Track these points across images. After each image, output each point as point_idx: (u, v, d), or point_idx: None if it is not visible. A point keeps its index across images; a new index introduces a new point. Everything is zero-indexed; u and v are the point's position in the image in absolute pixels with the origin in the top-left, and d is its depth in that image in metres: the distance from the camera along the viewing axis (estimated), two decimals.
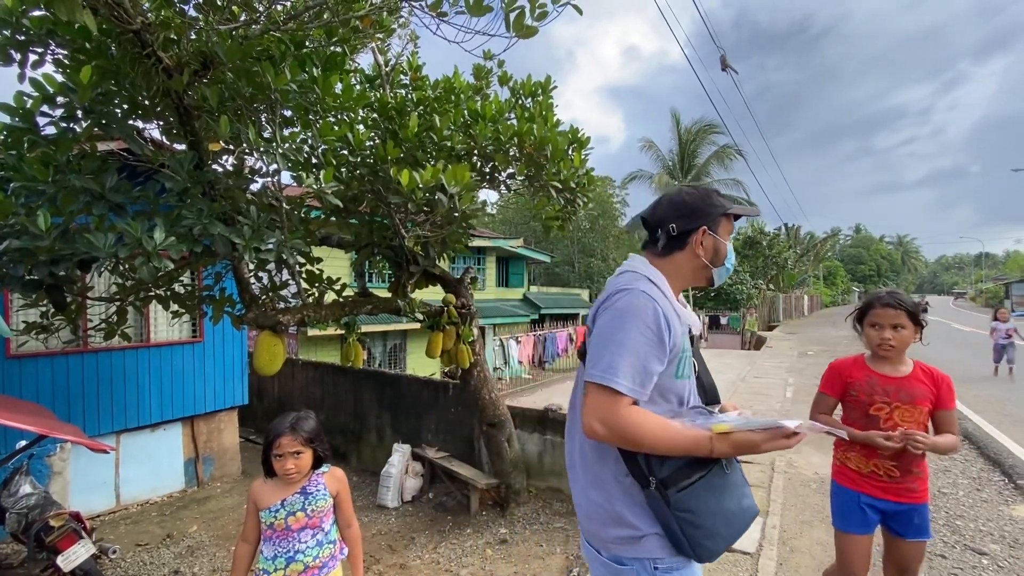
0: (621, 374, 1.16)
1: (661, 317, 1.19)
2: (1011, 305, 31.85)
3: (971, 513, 3.52)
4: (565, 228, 4.13)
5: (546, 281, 28.19)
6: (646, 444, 1.16)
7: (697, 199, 1.36)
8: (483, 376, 5.18)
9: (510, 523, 5.23)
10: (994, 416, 6.09)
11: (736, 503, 1.23)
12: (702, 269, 1.35)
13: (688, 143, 30.16)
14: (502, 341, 6.72)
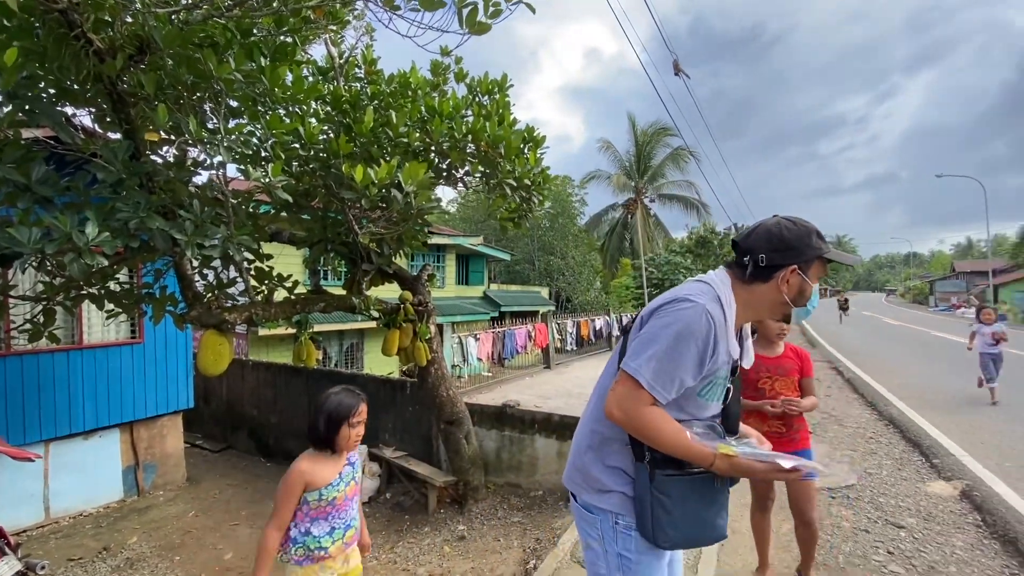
0: (654, 374, 1.22)
1: (712, 340, 1.23)
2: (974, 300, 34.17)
3: (892, 491, 3.82)
4: (521, 226, 4.18)
5: (507, 279, 28.23)
6: (655, 442, 1.23)
7: (795, 236, 1.31)
8: (441, 373, 5.16)
9: (468, 520, 5.24)
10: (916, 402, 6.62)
11: (712, 516, 1.30)
12: (780, 305, 1.33)
13: (644, 145, 30.93)
14: (460, 338, 6.71)
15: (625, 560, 1.30)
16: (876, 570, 2.71)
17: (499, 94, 4.19)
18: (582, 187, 31.11)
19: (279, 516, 1.85)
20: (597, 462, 1.34)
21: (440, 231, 14.50)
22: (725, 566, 2.76)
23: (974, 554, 2.91)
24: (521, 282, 26.68)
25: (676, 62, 9.53)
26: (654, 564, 1.32)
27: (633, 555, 1.30)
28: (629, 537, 1.29)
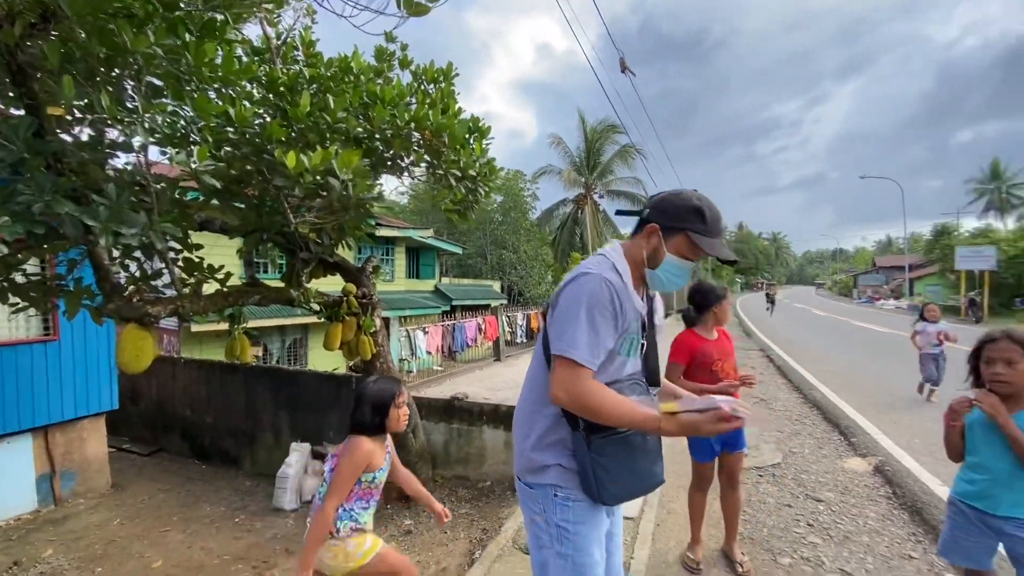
0: (581, 348, 1.28)
1: (617, 302, 1.32)
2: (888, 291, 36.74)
3: (813, 468, 4.12)
4: (467, 217, 4.15)
5: (458, 273, 28.07)
6: (602, 415, 1.28)
7: (677, 203, 1.39)
8: (386, 368, 5.07)
9: (415, 514, 5.20)
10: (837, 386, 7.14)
11: (647, 465, 1.41)
12: (640, 262, 1.41)
13: (594, 141, 31.50)
14: (408, 332, 6.61)
15: (563, 530, 1.37)
16: (797, 541, 2.91)
17: (444, 83, 4.14)
18: (534, 182, 31.37)
19: (341, 493, 1.97)
20: (536, 443, 1.41)
21: (389, 223, 14.19)
22: (659, 544, 2.88)
23: (885, 523, 3.17)
24: (473, 276, 26.60)
25: (623, 59, 9.74)
26: (590, 534, 1.39)
27: (571, 525, 1.37)
28: (567, 508, 1.37)
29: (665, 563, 2.67)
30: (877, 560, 2.70)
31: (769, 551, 2.79)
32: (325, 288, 4.91)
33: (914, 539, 2.95)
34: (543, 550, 1.42)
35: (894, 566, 2.65)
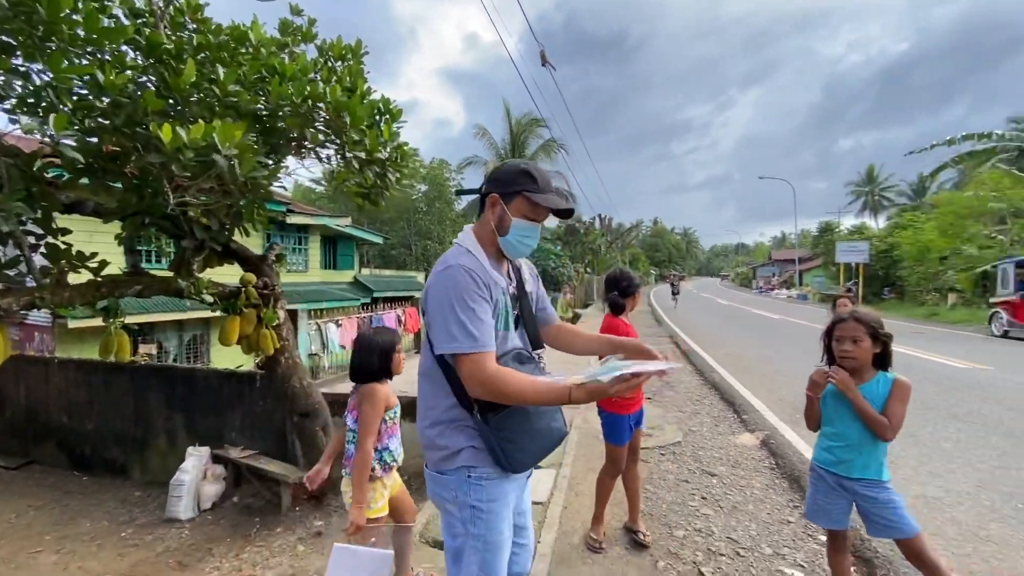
0: (469, 338, 1.31)
1: (479, 284, 1.37)
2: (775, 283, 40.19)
3: (709, 444, 4.44)
4: (377, 204, 3.99)
5: (381, 264, 27.21)
6: (515, 397, 1.32)
7: (507, 171, 1.46)
8: (292, 363, 4.78)
9: (327, 514, 4.98)
10: (734, 368, 7.76)
11: (545, 424, 1.47)
12: (491, 234, 1.46)
13: (519, 134, 31.72)
14: (319, 325, 6.27)
15: (476, 510, 1.41)
16: (691, 514, 3.11)
17: (353, 60, 3.93)
18: (460, 172, 31.06)
19: (373, 433, 2.21)
20: (441, 433, 1.44)
21: (302, 210, 13.40)
22: (566, 526, 2.96)
23: (768, 492, 3.49)
24: (397, 267, 25.93)
25: (543, 52, 9.84)
26: (501, 512, 1.44)
27: (483, 504, 1.41)
28: (480, 487, 1.41)
29: (571, 545, 2.75)
30: (760, 526, 2.96)
31: (666, 525, 2.96)
32: (224, 278, 4.53)
33: (792, 505, 3.26)
34: (457, 538, 1.45)
35: (774, 531, 2.92)
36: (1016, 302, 11.84)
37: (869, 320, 1.93)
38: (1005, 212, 18.83)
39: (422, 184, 28.99)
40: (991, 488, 3.43)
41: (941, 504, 3.19)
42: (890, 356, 1.96)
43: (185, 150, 2.46)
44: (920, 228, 22.57)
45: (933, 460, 3.94)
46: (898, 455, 4.02)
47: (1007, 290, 12.53)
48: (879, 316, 1.97)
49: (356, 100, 3.26)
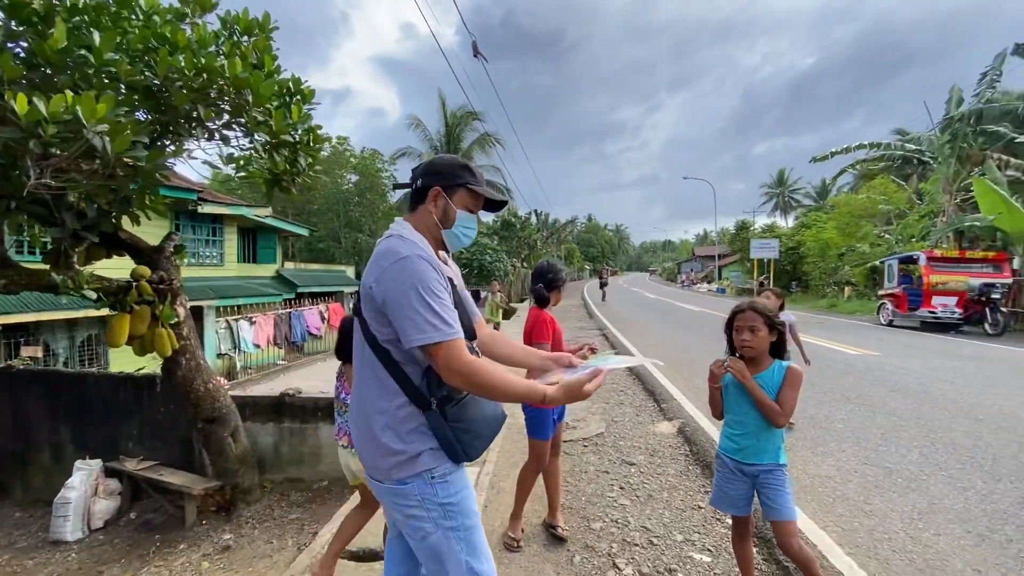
0: (441, 325, 1.30)
1: (439, 273, 1.37)
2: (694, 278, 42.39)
3: (630, 434, 4.57)
4: (289, 191, 3.71)
5: (309, 257, 25.94)
6: (493, 389, 1.34)
7: (446, 163, 1.50)
8: (195, 365, 4.37)
9: (237, 526, 4.63)
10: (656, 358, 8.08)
11: (492, 409, 1.51)
12: (434, 226, 1.48)
13: (454, 126, 31.30)
14: (229, 323, 5.79)
15: (448, 506, 1.40)
16: (609, 505, 3.17)
17: (260, 35, 3.62)
18: (392, 163, 30.17)
19: None
20: (395, 438, 1.38)
21: (217, 198, 12.43)
22: (486, 525, 2.90)
23: (682, 479, 3.62)
24: (326, 261, 24.82)
25: (475, 43, 9.69)
26: (469, 496, 1.46)
27: (453, 497, 1.41)
28: (446, 483, 1.40)
29: (489, 544, 2.69)
30: (673, 513, 3.06)
31: (584, 518, 2.99)
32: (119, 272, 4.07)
33: (703, 490, 3.40)
34: (429, 537, 1.41)
35: (685, 517, 3.02)
36: (899, 294, 13.24)
37: (766, 310, 2.02)
38: (891, 214, 21.07)
39: (352, 174, 27.90)
40: (875, 464, 3.77)
41: (833, 482, 3.45)
42: (785, 345, 2.06)
43: (46, 125, 2.13)
44: (822, 227, 24.74)
45: (828, 441, 4.27)
46: (798, 437, 4.32)
47: (892, 284, 13.99)
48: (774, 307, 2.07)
49: (259, 77, 2.99)
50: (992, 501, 3.13)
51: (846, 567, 2.40)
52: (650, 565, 2.48)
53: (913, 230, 18.83)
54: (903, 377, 6.71)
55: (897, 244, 19.03)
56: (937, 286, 12.16)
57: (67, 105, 2.08)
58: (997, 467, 3.67)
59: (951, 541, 2.67)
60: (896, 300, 13.36)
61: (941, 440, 4.26)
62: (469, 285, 22.46)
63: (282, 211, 24.15)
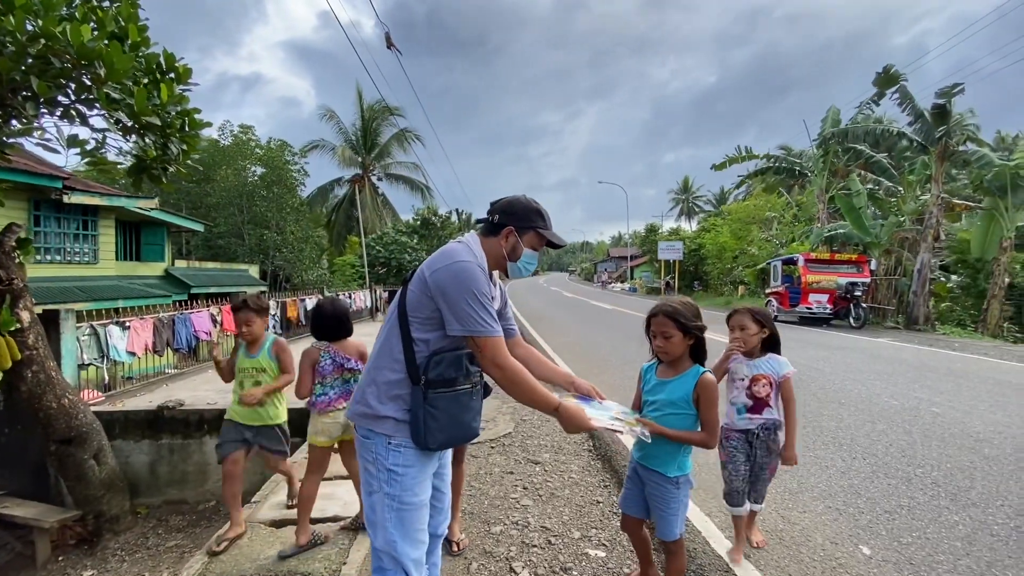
0: (490, 324, 1.56)
1: (487, 282, 1.60)
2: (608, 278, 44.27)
3: (537, 432, 4.62)
4: (159, 181, 3.31)
5: (207, 255, 23.72)
6: (520, 386, 1.58)
7: (522, 208, 1.74)
8: (45, 378, 3.78)
9: (102, 560, 4.07)
10: (569, 355, 8.31)
11: (469, 419, 1.68)
12: (502, 257, 1.73)
13: (371, 120, 30.19)
14: (95, 328, 5.08)
15: (393, 473, 1.57)
16: (511, 507, 3.15)
17: (123, 0, 3.19)
18: (303, 156, 28.48)
19: None
20: (378, 395, 1.60)
21: (89, 187, 10.98)
22: None
23: (584, 475, 3.69)
24: (228, 259, 22.85)
25: (388, 35, 9.36)
26: (418, 476, 1.61)
27: (400, 468, 1.57)
28: (398, 453, 1.57)
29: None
30: (573, 510, 3.10)
31: (485, 522, 2.94)
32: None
33: (603, 485, 3.49)
34: (373, 494, 1.60)
35: (584, 513, 3.08)
36: (783, 292, 14.72)
37: (677, 315, 1.92)
38: (774, 219, 23.40)
39: (257, 166, 25.96)
40: None
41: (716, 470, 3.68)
42: (704, 348, 2.00)
43: None
44: (719, 231, 26.92)
45: None
46: None
47: (777, 282, 15.52)
48: (696, 307, 2.00)
49: (116, 48, 2.62)
50: (848, 477, 3.51)
51: (724, 550, 2.56)
52: (546, 566, 2.49)
53: (791, 234, 21.06)
54: None
55: (780, 247, 21.17)
56: (812, 285, 13.65)
57: None
58: (854, 446, 4.13)
59: (814, 517, 2.95)
60: (780, 297, 14.83)
61: (811, 424, 4.73)
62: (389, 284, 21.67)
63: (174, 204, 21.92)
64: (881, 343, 10.21)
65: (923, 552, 2.58)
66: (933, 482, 3.42)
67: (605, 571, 2.46)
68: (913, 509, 3.04)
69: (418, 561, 1.62)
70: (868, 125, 14.81)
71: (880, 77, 13.97)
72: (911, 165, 15.06)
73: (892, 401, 5.47)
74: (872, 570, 2.43)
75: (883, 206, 16.92)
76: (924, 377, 6.74)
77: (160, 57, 3.21)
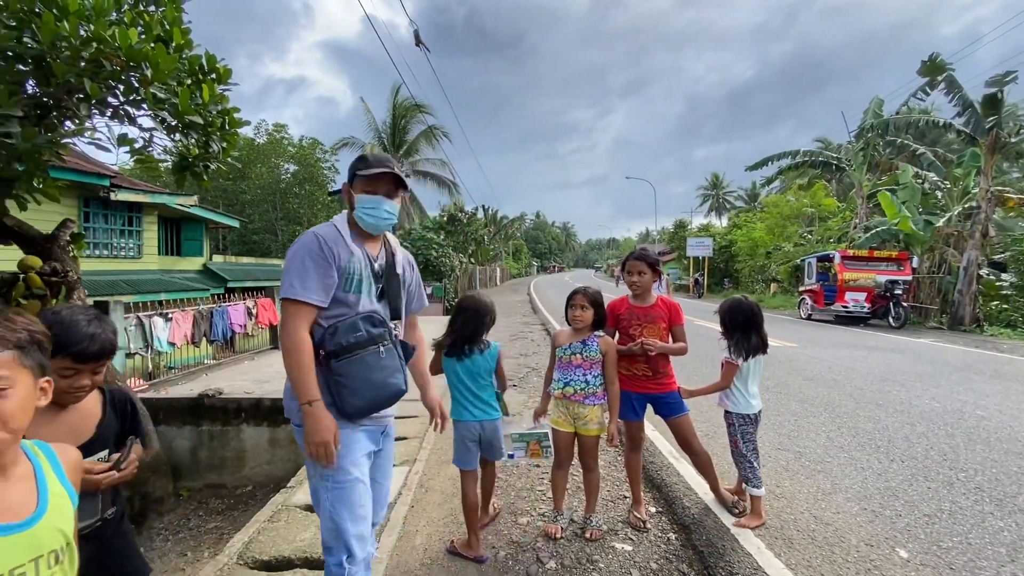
0: (296, 288, 1.60)
1: (325, 247, 1.64)
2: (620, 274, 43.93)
3: None
4: (201, 178, 3.45)
5: (242, 250, 24.53)
6: (290, 358, 1.59)
7: (352, 164, 1.81)
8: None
9: (147, 539, 4.29)
10: None
11: (383, 376, 1.66)
12: (350, 213, 1.78)
13: (400, 117, 30.55)
14: (141, 319, 5.34)
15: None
16: (539, 498, 3.17)
17: (168, 4, 3.33)
18: (334, 153, 29.08)
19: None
20: (290, 389, 1.65)
21: (133, 185, 11.48)
22: (412, 524, 2.83)
23: (610, 470, 3.68)
24: (261, 254, 23.57)
25: (417, 32, 9.46)
26: (347, 456, 1.64)
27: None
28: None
29: (412, 547, 2.63)
30: (600, 504, 3.10)
31: (512, 512, 2.98)
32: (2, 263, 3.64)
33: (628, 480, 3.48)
34: (312, 479, 1.69)
35: (611, 507, 3.09)
36: (817, 290, 14.27)
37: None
38: (815, 216, 22.65)
39: (290, 163, 26.65)
40: (787, 449, 4.01)
41: None
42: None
43: None
44: (752, 227, 26.22)
45: None
46: (718, 425, 4.53)
47: (811, 280, 15.05)
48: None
49: (160, 50, 2.74)
50: (886, 479, 3.41)
51: (754, 548, 2.52)
52: (573, 557, 2.51)
53: (832, 232, 20.34)
54: (816, 367, 7.22)
55: (817, 244, 20.49)
56: (849, 282, 13.19)
57: None
58: (892, 448, 4.00)
59: (848, 519, 2.88)
60: (814, 295, 14.38)
61: (846, 425, 4.60)
62: None
63: (212, 200, 22.71)
64: (922, 344, 9.81)
65: (964, 557, 2.49)
66: (977, 487, 3.29)
67: (632, 564, 2.46)
68: (955, 514, 2.93)
69: (360, 537, 1.64)
70: (911, 116, 14.18)
71: (925, 65, 13.33)
72: (959, 158, 14.35)
73: (934, 403, 5.26)
74: (910, 573, 2.36)
75: (928, 201, 16.19)
76: (969, 379, 6.45)
77: (202, 59, 3.34)
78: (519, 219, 65.49)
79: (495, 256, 46.58)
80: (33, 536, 0.85)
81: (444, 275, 23.34)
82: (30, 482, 0.89)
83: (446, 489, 3.25)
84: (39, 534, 0.86)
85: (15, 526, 0.83)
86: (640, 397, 2.83)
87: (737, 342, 2.85)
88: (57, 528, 0.89)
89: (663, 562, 2.50)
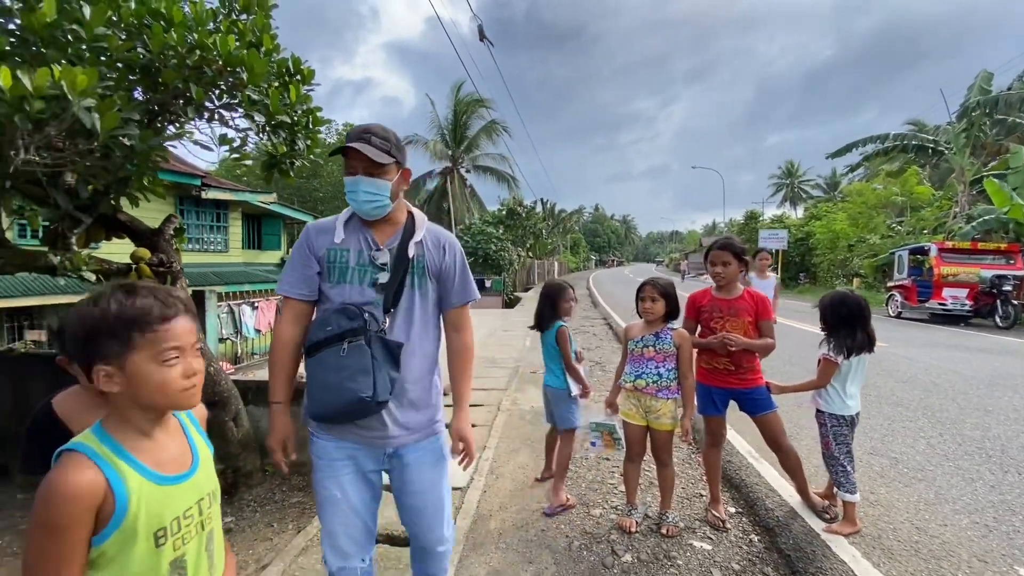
0: (281, 281, 1.63)
1: (308, 238, 1.60)
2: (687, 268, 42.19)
3: None
4: (287, 174, 3.66)
5: None
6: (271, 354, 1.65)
7: None
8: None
9: (238, 509, 4.65)
10: None
11: (336, 380, 1.44)
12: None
13: (461, 113, 31.03)
14: (232, 307, 5.78)
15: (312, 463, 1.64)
16: (610, 491, 3.13)
17: (258, 12, 3.55)
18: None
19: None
20: None
21: (221, 184, 12.42)
22: (484, 510, 2.88)
23: (684, 467, 3.57)
24: None
25: (480, 27, 9.54)
26: (324, 469, 1.58)
27: (314, 458, 1.63)
28: (313, 441, 1.64)
29: (487, 530, 2.67)
30: (676, 501, 3.01)
31: (584, 504, 2.96)
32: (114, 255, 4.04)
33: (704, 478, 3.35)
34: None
35: (686, 505, 2.99)
36: (909, 286, 13.07)
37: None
38: (905, 206, 20.72)
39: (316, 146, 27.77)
40: (881, 454, 3.71)
41: None
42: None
43: (32, 99, 2.09)
44: (833, 218, 24.39)
45: None
46: (802, 427, 4.26)
47: (901, 275, 13.80)
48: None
49: (254, 55, 2.92)
50: (1000, 492, 3.07)
51: (849, 556, 2.35)
52: (649, 552, 2.45)
53: (927, 223, 18.51)
54: (910, 368, 6.62)
55: (908, 235, 18.75)
56: (948, 277, 11.98)
57: (53, 79, 2.03)
58: (1005, 459, 3.60)
59: (957, 532, 2.62)
60: (905, 291, 13.19)
61: (949, 431, 4.19)
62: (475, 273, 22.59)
63: (287, 198, 24.16)
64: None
65: None
66: None
67: (713, 564, 2.37)
68: None
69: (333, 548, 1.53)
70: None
71: None
72: None
73: None
74: None
75: None
76: None
77: (288, 61, 3.53)
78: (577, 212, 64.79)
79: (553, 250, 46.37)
80: (196, 481, 1.01)
81: (503, 268, 23.55)
82: (181, 434, 1.05)
83: (516, 476, 3.29)
84: (199, 479, 1.02)
85: (185, 475, 0.99)
86: (721, 392, 2.71)
87: (840, 339, 2.64)
88: (208, 473, 1.07)
89: (746, 563, 2.39)
